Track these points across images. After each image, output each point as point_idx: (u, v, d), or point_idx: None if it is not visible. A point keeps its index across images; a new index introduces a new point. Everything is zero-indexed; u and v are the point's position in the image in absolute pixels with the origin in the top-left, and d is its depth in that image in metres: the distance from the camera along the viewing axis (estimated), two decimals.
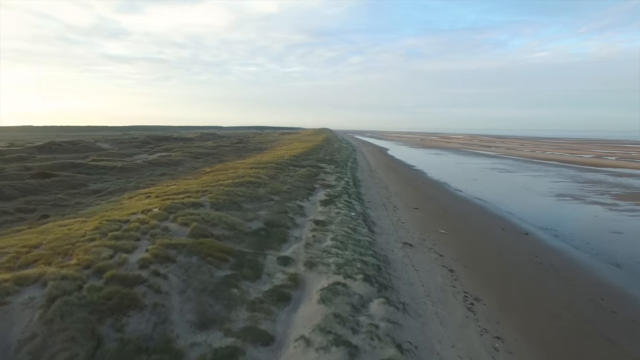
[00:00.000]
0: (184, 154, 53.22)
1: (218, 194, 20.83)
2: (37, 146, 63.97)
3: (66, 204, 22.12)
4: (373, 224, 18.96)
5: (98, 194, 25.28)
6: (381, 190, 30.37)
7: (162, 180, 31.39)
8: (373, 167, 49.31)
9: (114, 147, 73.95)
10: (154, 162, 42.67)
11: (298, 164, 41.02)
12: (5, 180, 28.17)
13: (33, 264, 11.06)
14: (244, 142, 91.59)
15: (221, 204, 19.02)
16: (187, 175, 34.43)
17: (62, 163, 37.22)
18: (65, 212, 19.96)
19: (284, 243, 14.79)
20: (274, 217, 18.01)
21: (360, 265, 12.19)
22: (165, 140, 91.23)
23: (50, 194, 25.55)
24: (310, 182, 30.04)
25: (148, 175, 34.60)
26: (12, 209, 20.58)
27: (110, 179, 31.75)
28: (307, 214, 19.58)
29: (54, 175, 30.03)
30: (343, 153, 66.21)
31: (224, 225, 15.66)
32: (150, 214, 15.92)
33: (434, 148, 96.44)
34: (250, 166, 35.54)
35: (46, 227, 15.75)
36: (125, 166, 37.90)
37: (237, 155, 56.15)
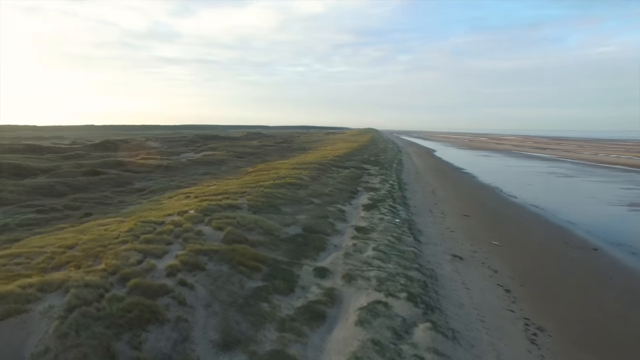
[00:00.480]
0: (228, 153, 53.72)
1: (257, 195, 20.23)
2: (94, 144, 67.17)
3: (110, 202, 22.38)
4: (419, 232, 17.57)
5: (141, 193, 25.52)
6: (428, 194, 28.69)
7: (204, 179, 31.44)
8: (419, 169, 47.34)
9: (163, 145, 76.36)
10: (198, 161, 43.16)
11: (341, 165, 40.01)
12: (59, 177, 29.22)
13: (64, 266, 10.80)
14: (289, 142, 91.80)
15: (259, 206, 18.37)
16: (229, 174, 34.37)
17: (112, 161, 38.40)
18: (107, 210, 20.10)
19: (322, 252, 13.81)
20: (313, 222, 17.09)
21: (404, 281, 10.98)
22: (212, 139, 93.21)
23: (97, 191, 26.11)
24: (353, 184, 28.93)
25: (191, 174, 34.87)
26: (61, 206, 21.04)
27: (154, 178, 32.22)
28: (349, 220, 18.50)
29: (102, 173, 30.85)
30: (388, 154, 64.44)
31: (259, 230, 14.93)
32: (186, 216, 15.50)
33: (484, 150, 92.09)
34: (293, 167, 34.94)
35: (86, 227, 15.72)
36: (170, 165, 38.51)
37: (281, 155, 55.97)
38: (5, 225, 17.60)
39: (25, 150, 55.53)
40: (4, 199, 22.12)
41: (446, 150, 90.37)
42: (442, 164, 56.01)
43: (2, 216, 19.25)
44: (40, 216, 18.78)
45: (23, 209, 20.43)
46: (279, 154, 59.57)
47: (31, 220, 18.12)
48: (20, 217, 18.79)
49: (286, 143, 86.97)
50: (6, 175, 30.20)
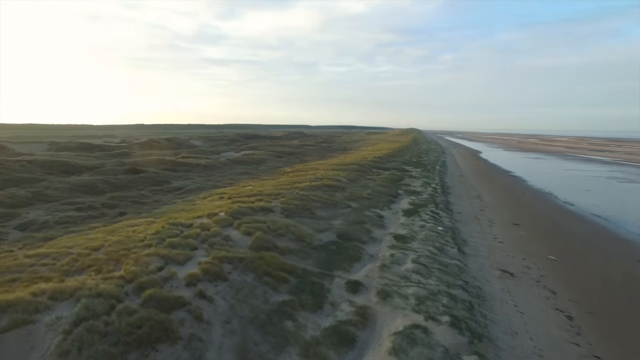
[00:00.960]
0: (268, 153, 53.59)
1: (291, 198, 19.42)
2: (139, 143, 69.34)
3: (145, 201, 22.35)
4: (464, 242, 16.08)
5: (177, 192, 25.43)
6: (473, 199, 26.82)
7: (241, 179, 31.11)
8: (464, 172, 45.01)
9: (206, 144, 77.79)
10: (237, 160, 43.16)
11: (382, 166, 38.62)
12: (102, 174, 29.83)
13: (86, 270, 10.41)
14: (329, 142, 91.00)
15: (292, 209, 17.53)
16: (266, 174, 33.92)
17: (154, 159, 39.04)
18: (141, 209, 19.98)
19: (357, 262, 12.72)
20: (348, 229, 16.03)
21: (446, 301, 9.71)
22: (253, 139, 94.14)
23: (136, 189, 26.32)
24: (393, 187, 27.57)
25: (229, 173, 34.73)
26: (99, 204, 21.19)
27: (192, 177, 32.29)
28: (387, 226, 17.28)
29: (142, 172, 31.24)
30: (431, 155, 62.10)
31: (290, 236, 14.06)
32: (215, 219, 14.90)
33: (534, 152, 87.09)
34: (331, 167, 33.98)
35: (116, 227, 15.50)
36: (209, 164, 38.64)
37: (320, 155, 55.20)
38: (45, 222, 17.81)
39: (78, 148, 58.08)
40: (49, 195, 22.62)
41: (492, 152, 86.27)
42: (488, 167, 53.15)
43: (45, 213, 19.57)
44: (77, 214, 18.90)
45: (64, 206, 20.74)
46: (318, 154, 58.85)
47: (68, 218, 18.24)
48: (59, 214, 19.00)
49: (326, 143, 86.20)
50: (56, 172, 31.26)
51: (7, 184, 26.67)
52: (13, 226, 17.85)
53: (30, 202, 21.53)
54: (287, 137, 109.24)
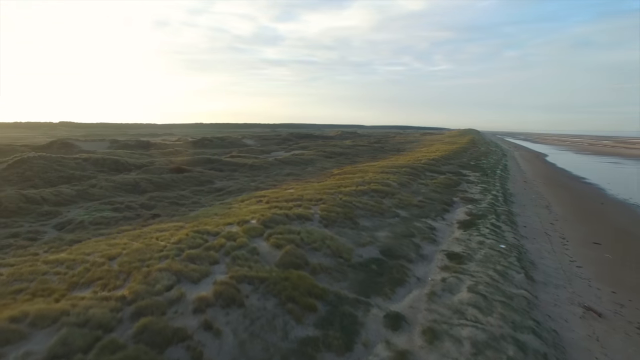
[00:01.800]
0: (317, 153, 52.26)
1: (333, 204, 17.72)
2: (192, 141, 70.74)
3: (184, 202, 21.61)
4: (532, 265, 13.52)
5: (218, 193, 24.59)
6: (541, 210, 23.62)
7: (286, 181, 29.86)
8: (529, 177, 40.96)
9: (258, 143, 78.08)
10: (284, 160, 42.15)
11: (436, 170, 35.89)
12: (147, 173, 29.81)
13: (93, 283, 9.42)
14: (382, 142, 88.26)
15: (333, 218, 15.82)
16: (312, 176, 32.47)
17: (201, 158, 38.92)
18: (176, 212, 19.18)
19: (400, 286, 10.77)
20: (394, 243, 14.06)
21: (513, 352, 7.56)
22: (305, 138, 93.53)
23: (178, 189, 25.84)
24: (448, 193, 25.03)
25: (275, 174, 33.66)
26: (137, 204, 20.71)
27: (237, 177, 31.54)
28: (439, 241, 15.09)
29: (187, 171, 30.92)
30: (491, 158, 57.76)
31: (326, 250, 12.36)
32: (245, 228, 13.52)
33: (610, 155, 79.01)
34: (381, 170, 31.89)
35: (143, 232, 14.61)
36: (255, 164, 37.87)
37: (372, 157, 53.03)
38: (80, 222, 17.43)
39: (135, 146, 60.10)
40: (92, 194, 22.57)
41: (561, 155, 79.34)
42: (556, 172, 48.27)
43: (83, 212, 19.33)
44: (113, 215, 18.40)
45: (103, 205, 20.45)
46: (370, 155, 56.67)
47: (103, 218, 17.75)
48: (96, 214, 18.63)
49: (379, 143, 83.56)
50: (106, 170, 31.78)
51: (61, 180, 27.26)
52: (52, 225, 17.64)
53: (74, 200, 21.51)
54: (340, 137, 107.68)
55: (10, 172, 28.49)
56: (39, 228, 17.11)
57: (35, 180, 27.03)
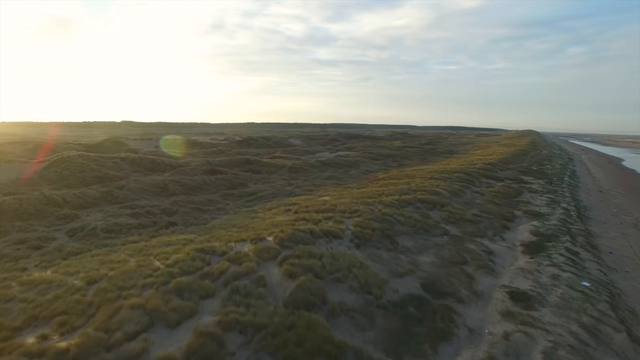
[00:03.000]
0: (363, 154, 49.43)
1: (369, 217, 15.10)
2: (238, 140, 70.29)
3: (208, 208, 19.85)
4: (631, 313, 10.17)
5: (248, 198, 22.69)
6: (629, 230, 19.49)
7: (325, 185, 27.50)
8: (604, 186, 35.82)
9: (303, 143, 76.35)
10: (327, 162, 39.80)
11: (493, 176, 32.02)
12: (179, 175, 28.60)
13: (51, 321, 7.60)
14: (434, 144, 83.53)
15: (367, 236, 13.22)
16: (354, 180, 29.87)
17: (240, 159, 37.47)
18: (196, 220, 17.40)
19: (445, 342, 8.02)
20: (440, 273, 11.25)
21: None
22: (353, 138, 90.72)
23: (207, 192, 24.25)
24: (508, 205, 21.52)
25: (314, 177, 31.40)
26: (159, 209, 19.22)
27: (272, 180, 29.60)
28: (499, 270, 12.06)
29: (221, 173, 29.40)
30: (555, 162, 52.06)
31: (352, 282, 9.83)
32: (258, 247, 11.27)
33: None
34: (430, 175, 28.70)
35: (147, 245, 12.84)
36: (295, 166, 35.80)
37: (421, 159, 49.43)
38: (93, 229, 16.06)
39: (180, 145, 60.33)
40: (115, 196, 21.43)
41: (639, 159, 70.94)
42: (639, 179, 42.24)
43: (101, 217, 18.07)
44: (128, 221, 16.90)
45: (123, 209, 19.12)
46: (420, 157, 52.98)
47: (117, 225, 16.27)
48: (112, 220, 17.23)
49: (431, 145, 79.02)
50: (142, 170, 31.04)
51: (95, 180, 26.64)
52: (65, 230, 16.45)
53: (96, 202, 20.42)
54: (389, 138, 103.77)
55: (49, 171, 28.34)
56: (50, 234, 15.93)
57: (71, 179, 26.58)
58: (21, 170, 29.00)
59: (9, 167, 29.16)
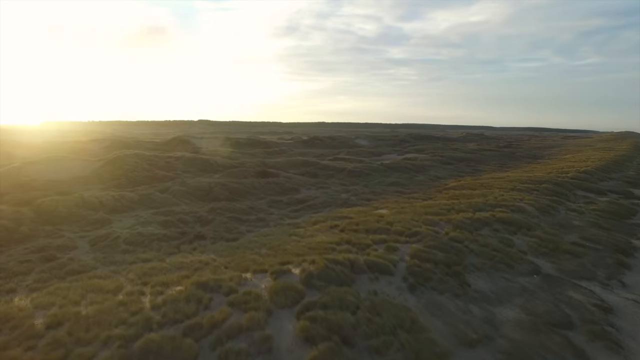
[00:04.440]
0: (433, 158, 45.09)
1: (433, 245, 11.81)
2: (303, 140, 68.71)
3: (247, 217, 17.59)
4: None
5: (295, 207, 20.18)
6: None
7: (385, 193, 24.24)
8: None
9: (370, 144, 72.89)
10: (392, 166, 36.28)
11: (592, 188, 26.59)
12: (229, 177, 26.93)
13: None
14: (514, 147, 75.69)
15: (427, 273, 9.97)
16: (420, 189, 26.22)
17: (297, 161, 35.26)
18: (227, 233, 15.18)
19: None
20: (531, 343, 7.73)
21: None
22: (423, 140, 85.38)
23: (254, 197, 22.15)
24: (620, 229, 16.79)
25: (375, 183, 28.20)
26: (194, 217, 17.41)
27: (329, 185, 26.87)
28: (626, 343, 8.20)
29: (273, 175, 27.26)
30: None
31: (396, 354, 6.72)
32: (278, 285, 8.58)
33: None
34: (512, 186, 24.28)
35: (152, 269, 10.70)
36: (356, 169, 32.79)
37: (500, 164, 43.92)
38: (115, 239, 14.47)
39: (245, 144, 59.96)
40: (154, 200, 20.01)
41: None
42: None
43: (131, 223, 16.55)
44: (155, 231, 15.09)
45: (157, 216, 17.49)
46: (497, 161, 47.28)
47: (140, 236, 14.52)
48: (139, 228, 15.57)
49: (510, 148, 71.53)
50: (194, 170, 29.95)
51: (145, 180, 25.83)
52: (90, 238, 15.04)
53: (133, 206, 19.07)
54: (463, 139, 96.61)
55: (104, 170, 28.12)
56: (73, 241, 14.55)
57: (122, 179, 25.97)
58: (83, 168, 29.17)
59: (72, 165, 29.47)
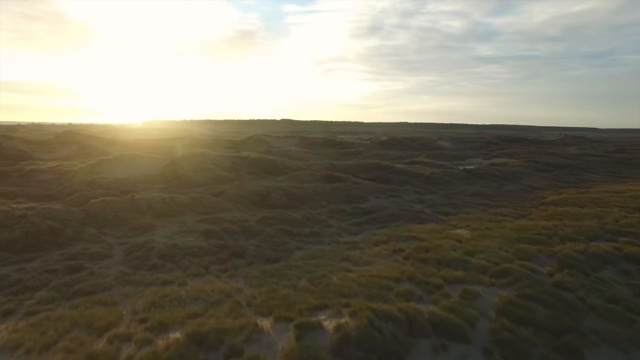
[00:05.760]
0: (526, 164, 39.40)
1: (531, 293, 8.53)
2: (381, 141, 65.41)
3: (299, 231, 15.30)
4: None
5: (358, 219, 17.49)
6: None
7: (467, 206, 20.60)
8: None
9: (453, 146, 67.32)
10: (476, 173, 31.91)
11: None
12: (291, 181, 25.02)
13: None
14: (628, 152, 64.91)
15: (520, 344, 6.84)
16: (509, 202, 22.03)
17: (368, 164, 32.39)
18: (273, 251, 13.09)
19: None
20: None
21: None
22: (513, 142, 77.25)
23: (315, 205, 19.90)
24: None
25: (455, 193, 24.46)
26: (242, 228, 15.59)
27: (401, 193, 23.70)
28: None
29: (339, 180, 24.78)
30: None
31: None
32: (295, 350, 6.04)
33: None
34: (637, 203, 19.31)
35: (165, 297, 8.98)
36: (434, 175, 29.09)
37: (611, 174, 36.92)
38: (149, 250, 13.05)
39: (321, 145, 58.37)
40: (204, 205, 18.59)
41: None
42: None
43: (171, 232, 15.12)
44: (193, 243, 13.37)
45: (202, 223, 15.94)
46: (608, 170, 39.96)
47: (174, 248, 12.89)
48: (178, 238, 14.01)
49: (624, 153, 61.32)
50: (257, 172, 28.57)
51: (206, 181, 24.90)
52: (128, 245, 13.78)
53: (182, 210, 17.78)
54: (561, 143, 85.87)
55: (168, 169, 27.83)
56: (109, 249, 13.37)
57: (183, 179, 25.30)
58: (151, 167, 29.23)
59: (142, 163, 29.69)
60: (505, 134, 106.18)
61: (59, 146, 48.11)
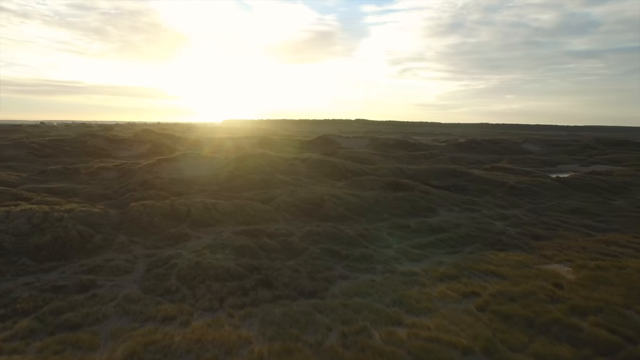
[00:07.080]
0: (639, 172, 32.90)
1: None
2: (458, 143, 60.32)
3: (348, 253, 12.73)
4: None
5: (424, 238, 14.52)
6: None
7: (565, 226, 16.65)
8: None
9: (542, 150, 60.01)
10: (573, 183, 26.83)
11: None
12: (352, 187, 22.49)
13: None
14: None
15: None
16: (623, 225, 17.50)
17: (442, 170, 28.73)
18: (311, 279, 10.81)
19: None
20: None
21: None
22: (619, 146, 67.28)
23: (373, 218, 17.26)
24: None
25: (547, 208, 20.26)
26: (282, 244, 13.37)
27: (480, 206, 20.05)
28: None
29: (405, 188, 21.70)
30: None
31: None
32: None
33: None
34: None
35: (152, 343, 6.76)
36: (519, 184, 24.75)
37: None
38: (170, 268, 11.38)
39: (393, 146, 55.08)
40: (247, 213, 16.69)
41: None
42: None
43: (204, 244, 13.35)
44: (220, 263, 11.39)
45: (240, 237, 13.97)
46: None
47: (197, 268, 11.02)
48: (207, 254, 12.17)
49: None
50: (317, 175, 26.43)
51: (260, 184, 23.33)
52: (153, 260, 12.30)
53: (221, 219, 16.05)
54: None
55: (225, 170, 26.65)
56: (132, 263, 11.94)
57: (239, 180, 23.89)
58: (209, 167, 28.35)
59: (201, 163, 28.95)
60: (604, 137, 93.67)
61: (136, 144, 50.10)
